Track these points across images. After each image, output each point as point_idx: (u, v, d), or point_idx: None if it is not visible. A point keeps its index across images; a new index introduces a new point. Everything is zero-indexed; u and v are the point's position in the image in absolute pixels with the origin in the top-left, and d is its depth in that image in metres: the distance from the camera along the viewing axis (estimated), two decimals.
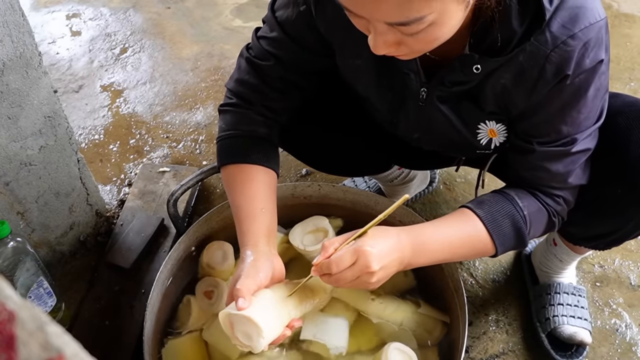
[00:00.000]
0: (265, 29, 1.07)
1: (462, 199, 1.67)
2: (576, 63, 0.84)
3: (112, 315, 1.38)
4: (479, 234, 0.99)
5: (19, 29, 1.12)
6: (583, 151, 0.96)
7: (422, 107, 1.01)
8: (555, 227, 1.05)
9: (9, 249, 1.17)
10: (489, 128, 1.02)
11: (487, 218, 1.00)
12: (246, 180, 1.07)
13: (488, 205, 1.01)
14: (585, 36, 0.82)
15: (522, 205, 1.00)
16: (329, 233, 1.29)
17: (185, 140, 1.94)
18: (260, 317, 0.91)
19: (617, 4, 2.45)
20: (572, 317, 1.33)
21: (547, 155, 0.96)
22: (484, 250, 1.01)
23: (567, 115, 0.91)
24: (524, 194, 1.02)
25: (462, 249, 1.01)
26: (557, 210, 1.03)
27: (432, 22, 0.74)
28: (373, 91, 1.06)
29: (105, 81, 2.23)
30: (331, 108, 1.22)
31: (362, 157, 1.33)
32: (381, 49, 0.81)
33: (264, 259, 0.99)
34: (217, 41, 2.40)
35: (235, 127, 1.09)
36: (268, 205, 1.06)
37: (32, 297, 1.25)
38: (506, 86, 0.91)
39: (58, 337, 0.32)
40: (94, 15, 2.60)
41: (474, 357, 1.35)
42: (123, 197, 1.72)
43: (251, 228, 1.03)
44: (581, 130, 0.93)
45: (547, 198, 1.02)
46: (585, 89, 0.87)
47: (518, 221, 0.99)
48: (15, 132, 1.21)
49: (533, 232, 1.03)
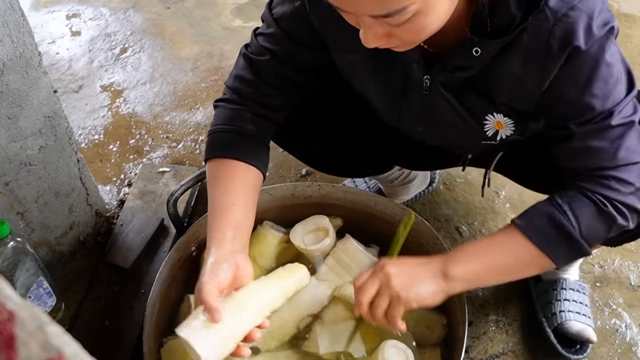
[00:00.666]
0: (263, 26, 1.08)
1: (462, 199, 1.67)
2: (585, 33, 0.83)
3: (112, 316, 1.38)
4: (516, 238, 0.96)
5: (19, 29, 1.12)
6: (626, 124, 0.91)
7: (427, 95, 1.01)
8: (615, 218, 0.93)
9: (9, 249, 1.17)
10: (496, 120, 1.02)
11: (522, 222, 0.96)
12: (223, 175, 1.06)
13: (528, 211, 0.98)
14: (585, 6, 0.82)
15: (561, 201, 0.95)
16: (329, 232, 1.29)
17: (185, 140, 1.94)
18: (198, 339, 0.86)
19: (617, 4, 2.45)
20: (577, 314, 1.32)
21: (588, 135, 0.92)
22: (529, 255, 0.96)
23: (594, 87, 0.88)
24: (567, 191, 0.96)
25: (502, 255, 0.98)
26: (609, 195, 0.93)
27: (417, 12, 0.75)
28: (370, 86, 1.06)
29: (105, 81, 2.23)
30: (332, 107, 1.22)
31: (363, 156, 1.33)
32: (372, 42, 0.81)
33: (225, 259, 0.95)
34: (217, 41, 2.40)
35: (225, 122, 1.09)
36: (240, 201, 1.03)
37: (31, 297, 1.25)
38: (517, 74, 0.91)
39: (58, 337, 0.32)
40: (93, 15, 2.60)
41: (474, 357, 1.35)
42: (123, 197, 1.72)
43: (218, 225, 1.00)
44: (616, 102, 0.89)
45: (593, 185, 0.94)
46: (603, 57, 0.85)
47: (557, 218, 0.94)
48: (15, 132, 1.21)
49: (586, 229, 0.94)
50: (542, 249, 0.94)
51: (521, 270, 1.01)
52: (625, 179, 0.93)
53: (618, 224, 0.94)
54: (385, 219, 1.33)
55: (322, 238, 1.28)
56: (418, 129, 1.11)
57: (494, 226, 1.59)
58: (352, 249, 1.24)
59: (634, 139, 0.92)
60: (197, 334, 0.87)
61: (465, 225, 1.60)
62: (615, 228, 0.95)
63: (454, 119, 1.03)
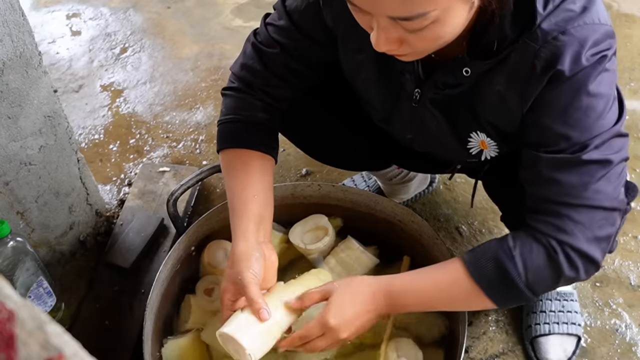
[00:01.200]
0: (274, 15, 1.07)
1: (462, 199, 1.67)
2: (572, 59, 0.79)
3: (112, 315, 1.38)
4: (460, 274, 0.93)
5: (19, 29, 1.12)
6: (599, 162, 0.84)
7: (415, 108, 1.02)
8: (562, 269, 0.87)
9: (9, 249, 1.17)
10: (480, 139, 1.01)
11: (470, 259, 0.93)
12: (241, 166, 1.07)
13: (479, 248, 0.95)
14: (579, 33, 0.79)
15: (512, 244, 0.89)
16: (328, 231, 1.29)
17: (185, 140, 1.94)
18: (245, 336, 0.93)
19: (617, 4, 2.45)
20: (556, 324, 1.32)
21: (556, 164, 0.86)
22: (470, 293, 0.93)
23: (572, 117, 0.83)
24: (520, 232, 0.91)
25: (444, 293, 0.96)
26: (561, 239, 0.86)
27: (436, 20, 0.74)
28: (371, 87, 1.07)
29: (105, 81, 2.23)
30: (335, 99, 1.23)
31: (363, 150, 1.33)
32: (383, 46, 0.80)
33: (253, 250, 1.00)
34: (217, 41, 2.40)
35: (236, 111, 1.10)
36: (260, 192, 1.06)
37: (31, 296, 1.25)
38: (501, 93, 0.89)
39: (58, 336, 0.32)
40: (94, 15, 2.59)
41: (474, 357, 1.35)
42: (123, 196, 1.72)
43: (241, 216, 1.03)
44: (593, 136, 0.83)
45: (547, 226, 0.88)
46: (587, 87, 0.81)
47: (504, 263, 0.89)
48: (15, 132, 1.20)
49: (533, 278, 0.88)
50: (484, 291, 0.91)
51: (461, 305, 1.02)
52: (583, 223, 0.86)
53: (566, 275, 0.88)
54: (385, 219, 1.33)
55: (322, 237, 1.28)
56: (407, 136, 1.12)
57: (493, 226, 1.59)
58: (353, 250, 1.24)
59: (608, 181, 0.85)
60: (242, 331, 0.94)
61: (465, 225, 1.60)
62: (564, 280, 0.89)
63: (439, 135, 1.04)
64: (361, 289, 0.98)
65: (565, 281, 0.90)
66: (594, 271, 0.90)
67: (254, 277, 0.97)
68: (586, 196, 0.85)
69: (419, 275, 1.00)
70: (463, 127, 1.00)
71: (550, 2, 0.81)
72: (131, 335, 1.33)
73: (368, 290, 0.98)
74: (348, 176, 1.72)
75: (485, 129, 0.98)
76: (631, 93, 2.01)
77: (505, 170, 1.07)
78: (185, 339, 1.20)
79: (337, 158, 1.38)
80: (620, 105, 0.89)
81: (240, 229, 1.02)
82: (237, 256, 0.99)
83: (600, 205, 0.86)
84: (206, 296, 1.24)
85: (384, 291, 0.98)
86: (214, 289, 1.24)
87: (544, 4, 0.81)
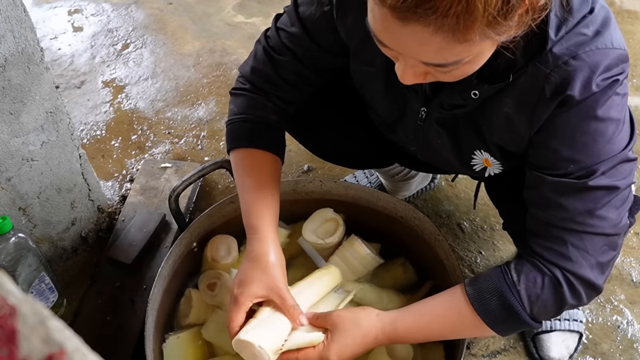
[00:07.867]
0: (285, 20, 1.06)
1: (464, 195, 1.67)
2: (582, 85, 0.78)
3: (114, 311, 1.38)
4: (463, 306, 0.94)
5: (21, 25, 1.12)
6: (606, 188, 0.84)
7: (421, 126, 1.02)
8: (565, 299, 0.88)
9: (11, 245, 1.17)
10: (483, 157, 1.01)
11: (472, 292, 0.94)
12: (255, 165, 1.10)
13: (480, 279, 0.95)
14: (590, 58, 0.78)
15: (515, 277, 0.90)
16: (339, 222, 1.29)
17: (187, 136, 1.94)
18: (262, 339, 0.96)
19: (619, 1, 2.45)
20: (558, 321, 1.32)
21: (560, 188, 0.85)
22: (477, 329, 0.95)
23: (579, 141, 0.82)
24: (523, 261, 0.91)
25: (448, 328, 0.98)
26: (565, 267, 0.87)
27: (468, 62, 0.74)
28: (379, 98, 1.07)
29: (107, 77, 2.23)
30: (343, 101, 1.23)
31: (369, 149, 1.33)
32: (409, 80, 0.79)
33: (270, 248, 1.04)
34: (219, 37, 2.40)
35: (247, 111, 1.11)
36: (271, 191, 1.09)
37: (33, 292, 1.26)
38: (509, 115, 0.88)
39: (59, 331, 0.32)
40: (95, 11, 2.59)
41: (475, 353, 1.35)
42: (125, 192, 1.72)
43: (254, 214, 1.06)
44: (600, 161, 0.83)
45: (550, 253, 0.88)
46: (595, 112, 0.80)
47: (508, 298, 0.89)
48: (17, 128, 1.21)
49: (537, 310, 0.90)
50: (488, 325, 0.92)
51: (464, 336, 1.04)
52: (587, 249, 0.86)
53: (569, 303, 0.89)
54: (387, 215, 1.33)
55: (333, 231, 1.28)
56: (411, 148, 1.13)
57: (495, 222, 1.59)
58: (357, 248, 1.24)
59: (613, 207, 0.85)
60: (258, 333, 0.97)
61: (467, 222, 1.60)
62: (567, 307, 0.90)
63: (442, 152, 1.04)
64: (365, 331, 0.99)
65: (568, 308, 0.92)
66: (595, 296, 0.92)
67: (286, 283, 1.02)
68: (590, 223, 0.86)
69: (422, 313, 1.00)
70: (467, 146, 1.00)
71: (563, 27, 0.79)
72: (133, 331, 1.33)
73: (372, 333, 0.99)
74: (350, 172, 1.72)
75: (489, 149, 0.98)
76: (633, 89, 2.01)
77: (509, 182, 1.07)
78: (186, 334, 1.20)
79: (343, 157, 1.38)
80: (632, 127, 0.88)
81: (254, 227, 1.05)
82: (266, 260, 1.02)
83: (602, 232, 0.86)
84: (209, 291, 1.24)
85: (387, 334, 0.99)
86: (217, 284, 1.24)
87: (556, 30, 0.79)
